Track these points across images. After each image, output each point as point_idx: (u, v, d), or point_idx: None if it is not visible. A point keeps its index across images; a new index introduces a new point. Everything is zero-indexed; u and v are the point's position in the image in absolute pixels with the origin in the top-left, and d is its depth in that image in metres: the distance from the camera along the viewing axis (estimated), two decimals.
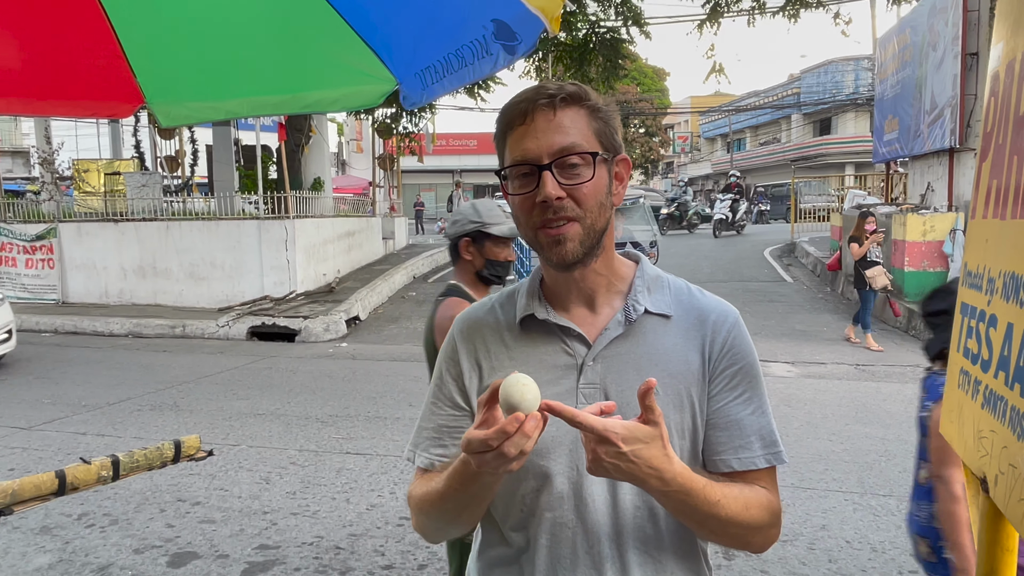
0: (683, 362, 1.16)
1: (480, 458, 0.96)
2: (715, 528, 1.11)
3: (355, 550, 3.91)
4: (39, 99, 2.30)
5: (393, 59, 1.93)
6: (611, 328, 1.16)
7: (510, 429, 0.93)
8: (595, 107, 1.13)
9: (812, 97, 37.88)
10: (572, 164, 1.09)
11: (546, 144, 1.09)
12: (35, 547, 3.95)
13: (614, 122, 1.15)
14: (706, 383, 1.16)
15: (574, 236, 1.11)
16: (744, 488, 1.14)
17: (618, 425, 0.96)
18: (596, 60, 12.58)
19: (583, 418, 0.95)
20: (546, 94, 1.10)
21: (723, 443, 1.16)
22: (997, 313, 1.17)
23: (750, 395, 1.18)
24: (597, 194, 1.11)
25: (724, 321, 1.19)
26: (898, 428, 5.82)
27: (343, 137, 35.46)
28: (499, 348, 1.21)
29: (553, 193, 1.08)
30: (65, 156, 21.42)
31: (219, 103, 2.23)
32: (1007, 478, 1.07)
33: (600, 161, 1.11)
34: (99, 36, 2.04)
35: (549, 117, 1.10)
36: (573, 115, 1.11)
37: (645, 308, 1.17)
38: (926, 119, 12.45)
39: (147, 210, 12.96)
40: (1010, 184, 1.16)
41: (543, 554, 1.15)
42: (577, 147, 1.09)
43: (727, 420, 1.16)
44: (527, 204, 1.11)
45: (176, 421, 6.39)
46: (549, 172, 1.08)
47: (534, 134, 1.09)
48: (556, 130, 1.09)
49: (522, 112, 1.11)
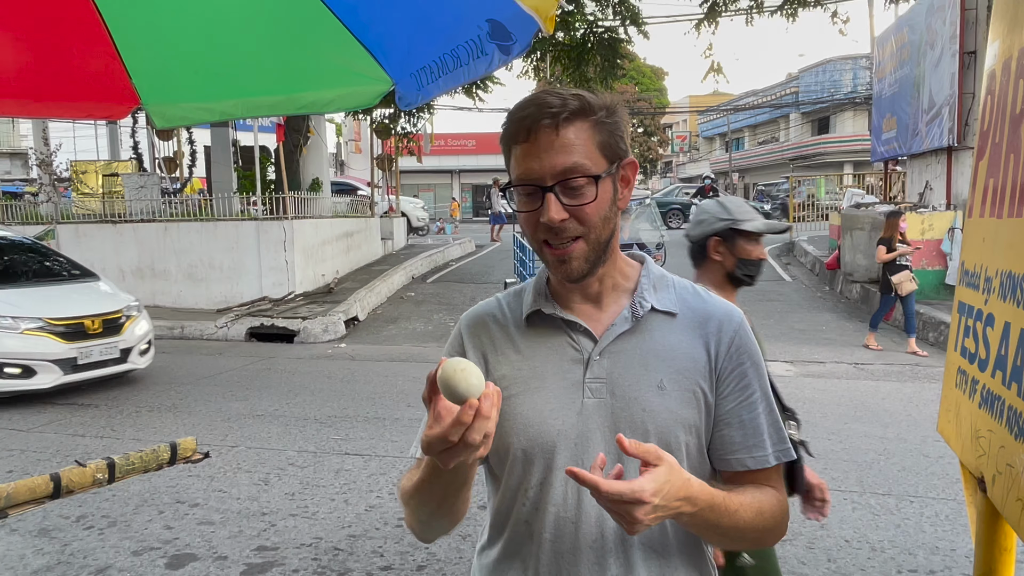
0: (689, 358, 1.16)
1: (446, 455, 0.96)
2: (734, 536, 1.13)
3: (354, 551, 3.91)
4: (35, 100, 2.30)
5: (388, 60, 1.92)
6: (618, 324, 1.17)
7: (466, 419, 0.92)
8: (599, 120, 1.11)
9: (810, 96, 37.90)
10: (575, 186, 1.09)
11: (548, 165, 1.08)
12: (33, 549, 3.94)
13: (621, 127, 1.15)
14: (713, 382, 1.17)
15: (579, 255, 1.12)
16: (756, 493, 1.15)
17: (643, 481, 0.96)
18: (594, 60, 12.57)
19: (608, 486, 0.95)
20: (548, 113, 1.08)
21: (737, 443, 1.17)
22: (994, 312, 1.17)
23: (760, 394, 1.19)
24: (600, 211, 1.12)
25: (730, 322, 1.19)
26: (897, 427, 5.82)
27: (341, 138, 35.43)
28: (505, 343, 1.21)
29: (556, 217, 1.09)
30: (63, 158, 21.39)
31: (214, 104, 2.22)
32: (1004, 478, 1.07)
33: (605, 179, 1.11)
34: (94, 37, 2.03)
35: (552, 137, 1.08)
36: (576, 131, 1.09)
37: (652, 305, 1.18)
38: (924, 118, 12.46)
39: (145, 211, 12.94)
40: (1007, 183, 1.16)
41: (547, 548, 1.15)
42: (580, 168, 1.09)
43: (739, 420, 1.17)
44: (532, 220, 1.12)
45: (174, 422, 6.38)
46: (552, 195, 1.08)
47: (536, 154, 1.09)
48: (559, 150, 1.08)
49: (525, 129, 1.10)
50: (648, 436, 1.13)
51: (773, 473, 1.19)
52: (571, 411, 1.15)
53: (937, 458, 5.06)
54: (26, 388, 6.83)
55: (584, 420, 1.14)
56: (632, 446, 0.98)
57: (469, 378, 0.93)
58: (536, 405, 1.16)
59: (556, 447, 1.14)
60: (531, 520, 1.17)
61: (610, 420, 1.14)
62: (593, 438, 1.14)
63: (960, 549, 3.76)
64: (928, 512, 4.24)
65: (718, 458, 1.19)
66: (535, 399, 1.16)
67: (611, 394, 1.14)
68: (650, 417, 1.13)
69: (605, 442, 1.13)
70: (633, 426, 1.13)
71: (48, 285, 7.85)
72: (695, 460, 1.17)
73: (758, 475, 1.18)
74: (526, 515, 1.17)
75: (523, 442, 1.16)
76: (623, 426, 1.13)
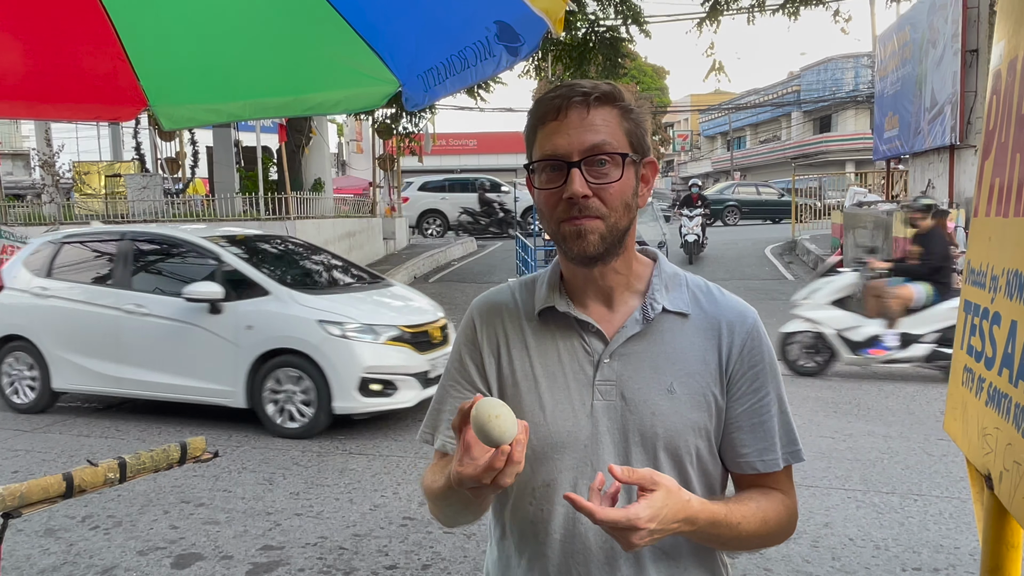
0: (701, 361, 1.16)
1: (475, 491, 0.99)
2: (737, 546, 1.14)
3: (359, 550, 3.92)
4: (42, 102, 2.31)
5: (396, 61, 1.93)
6: (628, 326, 1.17)
7: (499, 465, 0.94)
8: (627, 108, 1.13)
9: (812, 95, 37.86)
10: (601, 162, 1.10)
11: (577, 141, 1.09)
12: (39, 549, 3.96)
13: (645, 124, 1.16)
14: (725, 383, 1.17)
15: (595, 230, 1.11)
16: (762, 501, 1.16)
17: (639, 508, 0.98)
18: (596, 59, 12.56)
19: (604, 515, 0.96)
20: (580, 91, 1.10)
21: (748, 445, 1.17)
22: (1001, 311, 1.18)
23: (773, 395, 1.18)
24: (623, 194, 1.12)
25: (743, 322, 1.19)
26: (900, 425, 5.83)
27: (343, 138, 35.47)
28: (517, 336, 1.21)
29: (580, 191, 1.08)
30: (65, 158, 21.43)
31: (222, 105, 2.23)
32: (1011, 475, 1.08)
33: (629, 162, 1.12)
34: (102, 39, 2.04)
35: (583, 114, 1.10)
36: (606, 114, 1.11)
37: (663, 307, 1.17)
38: (926, 116, 12.45)
39: (148, 212, 12.97)
40: (1012, 182, 1.17)
41: (556, 548, 1.15)
42: (607, 146, 1.10)
43: (751, 422, 1.17)
44: (553, 199, 1.12)
45: (179, 422, 6.40)
46: (578, 169, 1.09)
47: (566, 130, 1.10)
48: (588, 128, 1.09)
49: (556, 108, 1.11)
50: (657, 439, 1.13)
51: (782, 475, 1.20)
52: (581, 413, 1.15)
53: (940, 456, 5.07)
54: (391, 407, 5.91)
55: (594, 422, 1.14)
56: (624, 474, 0.98)
57: (503, 424, 0.94)
58: (546, 404, 1.16)
59: (565, 448, 1.14)
60: (537, 520, 1.17)
61: (619, 423, 1.14)
62: (603, 440, 1.14)
63: (964, 547, 3.77)
64: (932, 510, 4.24)
65: (729, 460, 1.19)
66: (545, 398, 1.16)
67: (620, 397, 1.14)
68: (659, 421, 1.13)
69: (614, 445, 1.14)
70: (642, 429, 1.13)
71: (352, 291, 6.76)
72: (706, 463, 1.17)
73: (767, 478, 1.18)
74: (532, 514, 1.17)
75: (532, 441, 1.14)
76: (632, 429, 1.13)
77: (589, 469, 1.13)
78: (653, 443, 1.13)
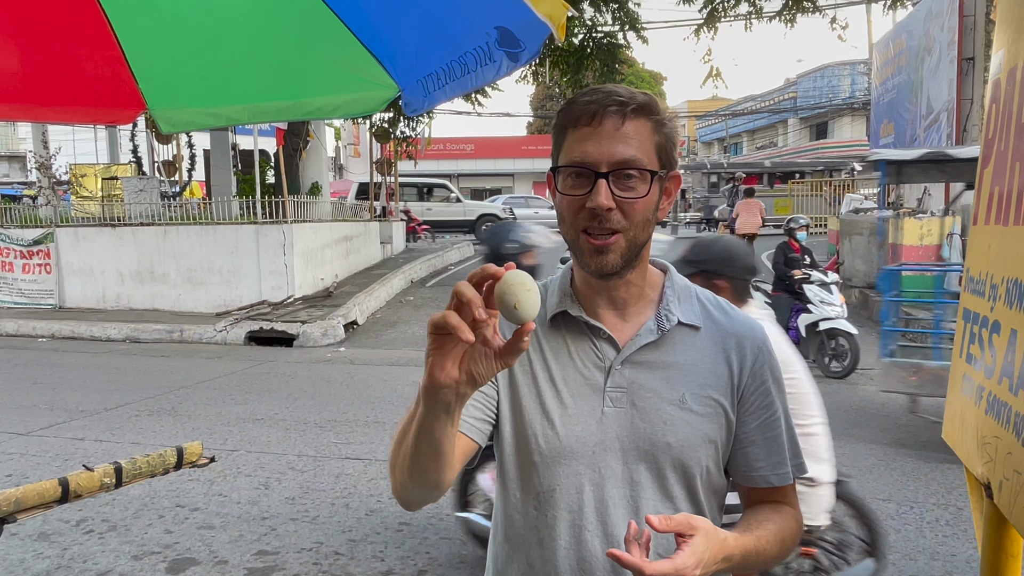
0: (712, 374, 1.16)
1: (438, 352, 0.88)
2: (758, 567, 1.15)
3: (354, 555, 3.91)
4: (41, 105, 2.30)
5: (395, 66, 1.93)
6: (642, 335, 1.16)
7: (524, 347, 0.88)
8: (661, 121, 1.12)
9: (808, 101, 38.03)
10: (628, 176, 1.08)
11: (608, 152, 1.07)
12: (33, 553, 3.93)
13: (675, 137, 1.15)
14: (737, 398, 1.17)
15: (617, 249, 1.10)
16: (778, 520, 1.17)
17: (684, 557, 0.97)
18: (593, 65, 12.60)
19: (652, 569, 0.95)
20: (617, 100, 1.08)
21: (761, 459, 1.18)
22: (1000, 319, 1.18)
23: (781, 411, 1.20)
24: (646, 210, 1.11)
25: (754, 338, 1.19)
26: (896, 432, 5.83)
27: (340, 141, 35.43)
28: (531, 340, 1.21)
29: (605, 203, 1.07)
30: (62, 161, 21.39)
31: (221, 109, 2.22)
32: (1011, 484, 1.08)
33: (656, 179, 1.11)
34: (101, 42, 2.04)
35: (617, 124, 1.08)
36: (639, 126, 1.09)
37: (677, 319, 1.17)
38: (922, 123, 12.50)
39: (144, 215, 12.93)
40: (1012, 191, 1.17)
41: (561, 556, 1.14)
42: (638, 162, 1.08)
43: (764, 437, 1.18)
44: (575, 205, 1.10)
45: (174, 426, 6.38)
46: (605, 181, 1.07)
47: (598, 138, 1.08)
48: (621, 139, 1.08)
49: (591, 113, 1.09)
50: (668, 449, 1.12)
51: (790, 488, 1.21)
52: (591, 418, 1.14)
53: (936, 464, 5.07)
54: None
55: (603, 429, 1.13)
56: (662, 523, 0.97)
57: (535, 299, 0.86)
58: (556, 409, 1.15)
59: (573, 453, 1.14)
60: (541, 526, 1.16)
61: (629, 431, 1.13)
62: (611, 448, 1.13)
63: (960, 555, 3.77)
64: (928, 518, 4.24)
65: (740, 474, 1.20)
66: (556, 403, 1.15)
67: (631, 404, 1.13)
68: (670, 431, 1.12)
69: (623, 452, 1.13)
70: (653, 438, 1.13)
71: None
72: (714, 476, 1.17)
73: (777, 492, 1.20)
74: (534, 519, 1.16)
75: (540, 445, 1.15)
76: (642, 438, 1.13)
77: (598, 475, 1.13)
78: (662, 453, 1.13)
